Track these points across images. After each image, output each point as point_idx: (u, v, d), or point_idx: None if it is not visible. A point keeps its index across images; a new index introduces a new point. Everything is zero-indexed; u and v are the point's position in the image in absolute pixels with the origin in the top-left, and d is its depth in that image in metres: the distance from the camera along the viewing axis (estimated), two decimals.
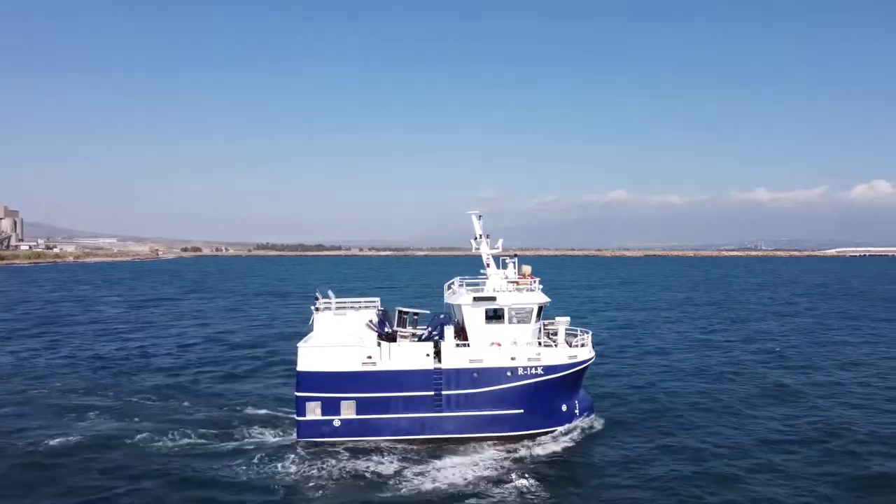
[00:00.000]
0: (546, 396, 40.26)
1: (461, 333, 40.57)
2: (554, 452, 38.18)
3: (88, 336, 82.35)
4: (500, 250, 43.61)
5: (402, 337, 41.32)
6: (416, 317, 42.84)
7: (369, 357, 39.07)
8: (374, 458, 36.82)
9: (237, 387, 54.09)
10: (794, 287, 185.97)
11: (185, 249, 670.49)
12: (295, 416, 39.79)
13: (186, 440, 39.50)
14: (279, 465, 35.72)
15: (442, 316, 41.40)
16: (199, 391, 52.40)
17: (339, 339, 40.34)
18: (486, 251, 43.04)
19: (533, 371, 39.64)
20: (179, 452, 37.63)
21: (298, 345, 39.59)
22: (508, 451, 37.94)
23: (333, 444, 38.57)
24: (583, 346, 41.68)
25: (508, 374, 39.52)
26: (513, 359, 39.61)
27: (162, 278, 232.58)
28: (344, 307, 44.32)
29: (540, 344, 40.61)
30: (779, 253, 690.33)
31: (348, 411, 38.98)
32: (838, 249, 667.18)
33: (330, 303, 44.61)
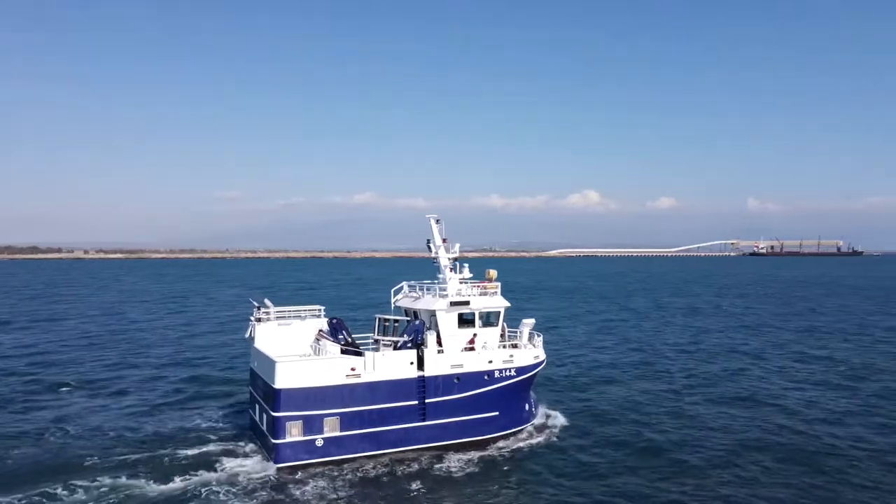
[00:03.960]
0: (516, 397, 41.45)
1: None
2: (527, 450, 39.52)
3: None
4: (458, 254, 43.71)
5: (385, 346, 39.62)
6: (395, 324, 41.24)
7: (353, 369, 36.76)
8: (361, 474, 35.05)
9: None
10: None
11: None
12: (270, 439, 35.92)
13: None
14: (261, 497, 32.09)
15: (418, 322, 40.34)
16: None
17: (316, 351, 38.14)
18: (444, 255, 42.86)
19: (507, 373, 40.54)
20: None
21: (275, 359, 35.78)
22: (487, 454, 38.45)
23: (316, 466, 35.73)
24: (536, 346, 43.56)
25: (486, 377, 39.93)
26: (490, 362, 40.12)
27: None
28: (286, 316, 41.83)
29: (514, 346, 41.73)
30: (511, 254, 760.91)
31: (332, 428, 36.24)
32: (559, 251, 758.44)
33: (270, 312, 41.59)
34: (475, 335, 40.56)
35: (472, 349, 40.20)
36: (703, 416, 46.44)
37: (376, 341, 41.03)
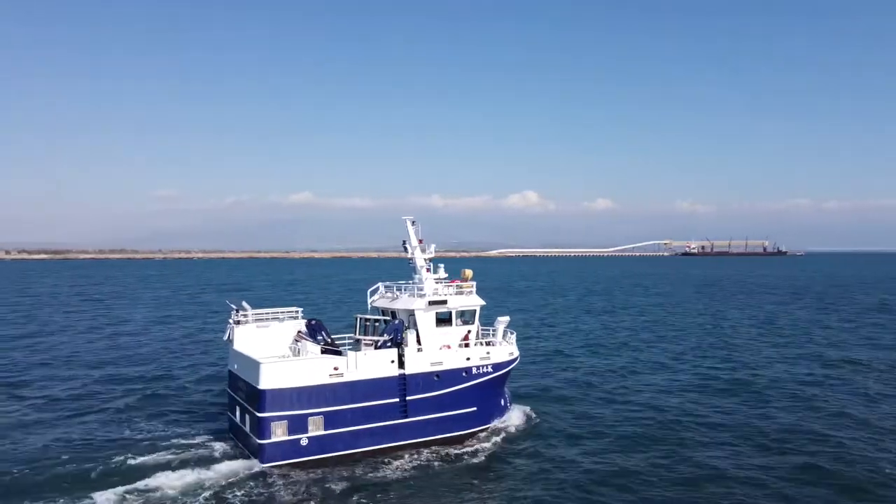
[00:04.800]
0: (493, 393, 42.67)
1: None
2: (503, 443, 40.89)
3: None
4: (433, 254, 44.53)
5: (366, 345, 40.12)
6: (377, 324, 41.75)
7: (336, 368, 37.16)
8: (345, 472, 35.63)
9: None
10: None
11: None
12: (255, 440, 35.93)
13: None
14: (247, 498, 32.24)
15: (397, 322, 40.95)
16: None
17: (295, 352, 38.95)
18: (420, 256, 43.63)
19: (484, 370, 41.69)
20: None
21: (259, 360, 35.83)
22: (466, 448, 39.63)
23: (301, 465, 36.01)
24: (510, 343, 44.81)
25: (464, 374, 40.97)
26: (468, 359, 41.21)
27: None
28: (264, 318, 42.05)
29: (489, 343, 42.88)
30: (451, 254, 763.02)
31: (316, 427, 36.57)
32: (499, 251, 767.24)
33: (248, 315, 41.69)
34: (469, 332, 42.04)
35: (466, 346, 41.50)
36: (597, 411, 48.17)
37: (357, 341, 41.60)
